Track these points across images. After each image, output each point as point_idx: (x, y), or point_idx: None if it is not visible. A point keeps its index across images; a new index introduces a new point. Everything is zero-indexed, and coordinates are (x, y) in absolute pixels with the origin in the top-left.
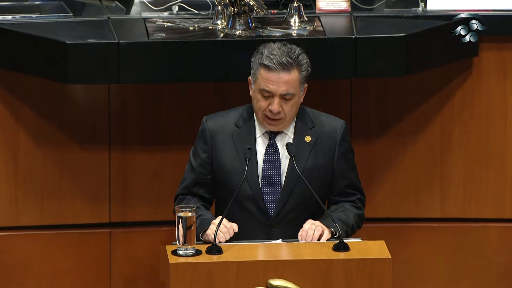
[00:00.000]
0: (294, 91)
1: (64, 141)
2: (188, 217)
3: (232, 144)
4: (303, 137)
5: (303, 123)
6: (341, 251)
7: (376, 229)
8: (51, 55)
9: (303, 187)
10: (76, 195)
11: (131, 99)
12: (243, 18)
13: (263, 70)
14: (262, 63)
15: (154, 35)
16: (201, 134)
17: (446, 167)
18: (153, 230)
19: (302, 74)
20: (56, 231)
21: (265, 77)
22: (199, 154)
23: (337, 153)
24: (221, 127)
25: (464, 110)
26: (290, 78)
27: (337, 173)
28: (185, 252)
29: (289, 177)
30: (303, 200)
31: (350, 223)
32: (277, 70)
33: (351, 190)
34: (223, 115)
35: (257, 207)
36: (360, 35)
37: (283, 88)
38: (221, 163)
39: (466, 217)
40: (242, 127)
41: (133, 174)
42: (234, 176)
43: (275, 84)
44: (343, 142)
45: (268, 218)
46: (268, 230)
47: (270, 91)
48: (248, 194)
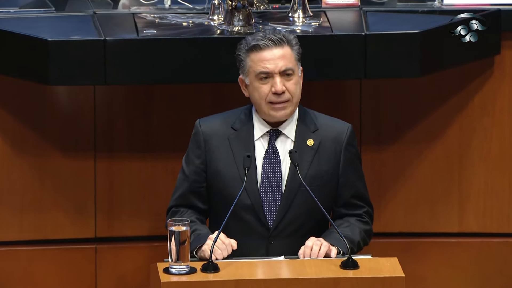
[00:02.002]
0: (293, 66)
1: (45, 148)
2: (181, 231)
3: (229, 148)
4: (305, 141)
5: (305, 125)
6: (349, 269)
7: (388, 245)
8: (30, 54)
9: (305, 196)
10: (58, 208)
11: (119, 102)
12: (241, 13)
13: (253, 54)
14: (250, 47)
15: (144, 32)
16: (194, 138)
17: (465, 177)
18: (142, 246)
19: (294, 50)
20: (36, 247)
21: (259, 59)
22: (192, 160)
23: (343, 159)
24: (216, 130)
25: (484, 114)
26: (285, 52)
27: (342, 181)
28: (178, 270)
29: (289, 184)
30: (305, 210)
31: (356, 240)
32: (269, 47)
33: (357, 202)
34: (218, 118)
35: (256, 217)
36: (371, 32)
37: (281, 63)
38: (216, 169)
39: (487, 232)
40: (239, 130)
41: (120, 184)
42: (231, 184)
43: (271, 62)
44: (349, 147)
45: (267, 230)
46: (267, 243)
47: (269, 71)
48: (246, 204)
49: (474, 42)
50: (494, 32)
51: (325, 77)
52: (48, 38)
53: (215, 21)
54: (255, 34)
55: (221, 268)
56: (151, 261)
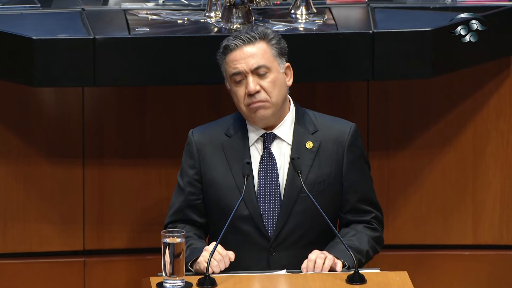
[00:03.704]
0: (266, 62)
1: (29, 155)
2: (176, 243)
3: (223, 155)
4: (304, 143)
5: (303, 127)
6: (356, 284)
7: (398, 258)
8: (14, 53)
9: (306, 203)
10: (45, 218)
11: (109, 105)
12: (240, 10)
13: (227, 56)
14: (223, 50)
15: (136, 30)
16: (187, 149)
17: (479, 186)
18: (134, 259)
19: (272, 45)
20: (21, 260)
21: (231, 60)
22: (186, 172)
23: (346, 161)
24: (209, 138)
25: (500, 118)
26: (257, 49)
27: (346, 185)
28: (172, 284)
29: (288, 191)
30: (307, 218)
31: (364, 249)
32: (238, 46)
33: (364, 206)
34: (211, 126)
35: (255, 228)
36: (379, 30)
37: (252, 61)
38: (211, 178)
39: (503, 244)
40: (233, 136)
41: (111, 193)
42: (227, 193)
43: (241, 61)
44: (353, 147)
45: (268, 241)
46: (268, 255)
47: (240, 71)
48: (244, 214)
49: (490, 41)
50: (510, 30)
51: (329, 78)
52: (33, 36)
53: (212, 19)
54: (232, 34)
55: (218, 282)
56: (144, 275)
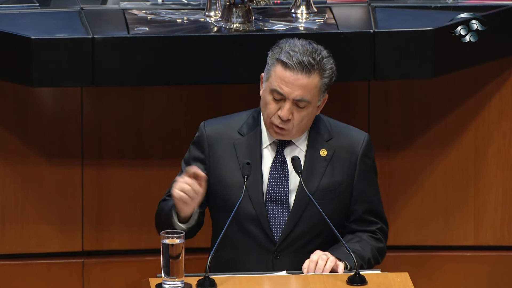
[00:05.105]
0: (310, 98)
1: (28, 155)
2: (175, 244)
3: (234, 154)
4: (318, 151)
5: (318, 134)
6: (357, 285)
7: (399, 259)
8: (12, 53)
9: (316, 209)
10: (43, 219)
11: (108, 105)
12: (240, 9)
13: (279, 67)
14: (279, 58)
15: (135, 29)
16: (198, 141)
17: (481, 186)
18: (133, 260)
19: (323, 81)
20: (20, 261)
21: (280, 76)
22: (193, 164)
23: (358, 171)
24: (222, 134)
25: (502, 118)
26: (309, 82)
27: (355, 195)
28: (171, 285)
29: (299, 197)
30: (316, 225)
31: (366, 256)
32: (295, 70)
33: (371, 217)
34: (225, 121)
35: (260, 229)
36: (380, 29)
37: (297, 92)
38: (220, 176)
39: (505, 245)
40: (246, 135)
41: (110, 193)
42: (235, 192)
43: (289, 86)
44: (365, 158)
45: (273, 244)
46: (272, 258)
47: (283, 94)
48: (250, 214)
49: (491, 41)
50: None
51: None
52: (31, 36)
53: (212, 18)
54: (295, 42)
55: (218, 284)
56: (143, 277)
